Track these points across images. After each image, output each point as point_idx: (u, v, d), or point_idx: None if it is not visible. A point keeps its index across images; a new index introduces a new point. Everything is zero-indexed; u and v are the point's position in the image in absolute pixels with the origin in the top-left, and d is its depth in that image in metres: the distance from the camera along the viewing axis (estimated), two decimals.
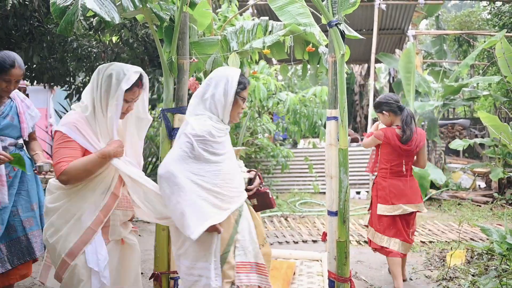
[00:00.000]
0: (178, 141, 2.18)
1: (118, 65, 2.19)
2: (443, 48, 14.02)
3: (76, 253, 2.09)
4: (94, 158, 2.07)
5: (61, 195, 2.14)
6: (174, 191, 2.08)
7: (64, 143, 2.07)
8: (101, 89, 2.12)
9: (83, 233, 2.10)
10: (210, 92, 2.23)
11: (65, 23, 1.87)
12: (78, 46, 4.99)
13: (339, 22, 2.62)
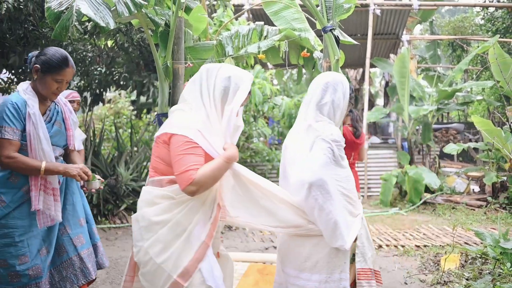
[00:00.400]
0: (317, 147, 2.01)
1: (231, 67, 2.01)
2: (437, 53, 14.13)
3: (191, 272, 1.81)
4: (221, 164, 1.84)
5: (170, 206, 1.86)
6: (327, 199, 1.92)
7: (190, 149, 1.80)
8: (215, 92, 1.92)
9: (198, 249, 1.84)
10: (328, 98, 2.10)
11: (60, 28, 1.87)
12: (73, 50, 4.98)
13: (333, 28, 2.65)
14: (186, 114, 1.91)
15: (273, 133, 7.79)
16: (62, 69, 2.26)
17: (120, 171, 5.84)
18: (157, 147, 1.93)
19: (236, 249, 4.98)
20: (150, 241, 1.83)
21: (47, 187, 2.29)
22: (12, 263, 2.21)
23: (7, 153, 2.17)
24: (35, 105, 2.27)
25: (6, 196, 2.23)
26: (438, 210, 7.03)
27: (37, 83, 2.30)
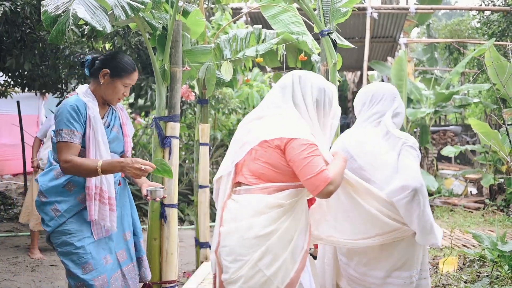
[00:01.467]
0: (407, 153, 2.02)
1: (322, 78, 2.00)
2: (434, 56, 14.19)
3: (296, 283, 1.76)
4: (343, 164, 1.86)
5: (278, 215, 1.78)
6: (426, 203, 1.95)
7: (316, 151, 1.75)
8: (308, 100, 1.91)
9: (302, 258, 1.79)
10: (398, 108, 2.19)
11: (56, 32, 1.85)
12: (70, 53, 4.95)
13: (331, 32, 2.64)
14: (292, 119, 1.86)
15: None
16: (131, 73, 2.26)
17: None
18: (265, 152, 1.82)
19: None
20: (259, 253, 1.73)
21: (102, 196, 2.16)
22: (75, 272, 2.08)
23: (65, 157, 2.05)
24: (96, 108, 2.18)
25: (61, 205, 2.13)
26: (436, 212, 7.03)
27: (103, 87, 2.21)
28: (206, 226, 4.09)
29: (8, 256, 4.28)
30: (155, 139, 2.77)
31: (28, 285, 3.54)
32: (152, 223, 2.76)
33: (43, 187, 2.15)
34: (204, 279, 3.71)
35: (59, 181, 2.16)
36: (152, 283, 2.74)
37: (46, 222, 2.14)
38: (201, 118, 3.97)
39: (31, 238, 4.40)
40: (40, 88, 5.52)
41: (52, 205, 2.13)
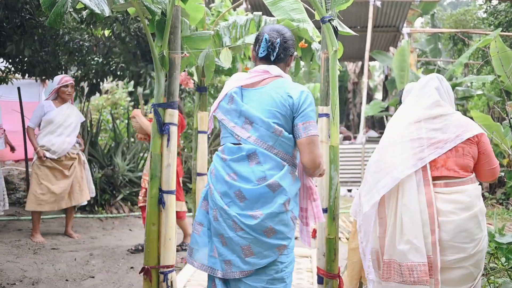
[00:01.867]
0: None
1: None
2: (438, 47, 14.06)
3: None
4: None
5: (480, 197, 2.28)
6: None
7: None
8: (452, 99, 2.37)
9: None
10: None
11: (54, 15, 1.84)
12: (69, 40, 4.94)
13: (332, 18, 2.61)
14: (465, 116, 2.31)
15: None
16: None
17: (117, 162, 5.84)
18: (469, 148, 2.20)
19: None
20: (483, 229, 2.17)
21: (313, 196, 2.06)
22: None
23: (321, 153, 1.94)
24: None
25: (296, 212, 1.96)
26: None
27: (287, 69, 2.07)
28: None
29: (11, 239, 4.35)
30: (154, 126, 2.76)
31: (31, 267, 3.62)
32: (151, 209, 2.76)
33: (291, 193, 1.88)
34: None
35: (299, 184, 1.98)
36: (151, 267, 2.76)
37: (287, 235, 1.87)
38: (199, 106, 3.95)
39: (33, 222, 4.43)
40: (40, 74, 5.53)
41: (291, 213, 1.90)
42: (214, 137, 7.27)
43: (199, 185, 4.07)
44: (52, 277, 3.46)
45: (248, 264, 1.79)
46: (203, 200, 1.98)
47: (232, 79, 2.02)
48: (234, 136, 1.88)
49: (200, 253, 1.90)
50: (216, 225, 1.85)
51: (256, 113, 1.85)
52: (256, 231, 1.78)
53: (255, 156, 1.83)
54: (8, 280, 3.30)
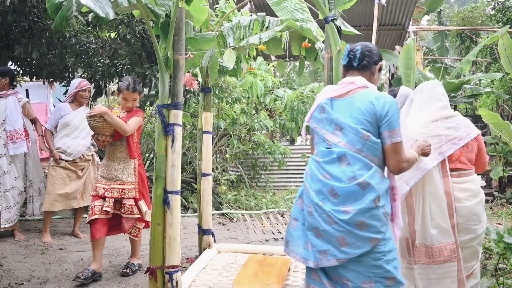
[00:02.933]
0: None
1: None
2: (445, 45, 13.94)
3: None
4: None
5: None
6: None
7: None
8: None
9: None
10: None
11: (60, 19, 1.87)
12: (76, 42, 5.00)
13: (335, 18, 2.62)
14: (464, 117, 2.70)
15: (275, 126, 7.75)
16: None
17: None
18: (474, 144, 2.65)
19: (236, 240, 5.01)
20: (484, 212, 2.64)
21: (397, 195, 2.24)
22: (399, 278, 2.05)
23: (404, 156, 2.08)
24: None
25: (387, 208, 2.10)
26: None
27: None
28: (209, 214, 4.12)
29: (20, 239, 4.43)
30: (158, 127, 2.79)
31: (38, 267, 3.67)
32: (156, 209, 2.79)
33: (380, 190, 2.03)
34: (206, 265, 3.75)
35: (387, 183, 2.14)
36: (156, 267, 2.78)
37: (379, 229, 2.01)
38: (204, 106, 3.97)
39: (44, 222, 4.48)
40: (48, 76, 5.59)
41: (383, 209, 2.05)
42: (219, 137, 7.29)
43: (203, 185, 4.09)
44: (59, 277, 3.50)
45: (343, 253, 1.99)
46: (299, 198, 2.21)
47: (323, 92, 2.26)
48: (326, 142, 2.12)
49: (295, 245, 2.12)
50: (311, 220, 2.06)
51: (345, 120, 2.08)
52: (348, 224, 1.97)
53: (345, 158, 2.04)
54: (16, 280, 3.35)
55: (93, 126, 3.43)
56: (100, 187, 3.54)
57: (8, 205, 4.37)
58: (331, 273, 2.07)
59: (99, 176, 3.62)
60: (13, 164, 4.44)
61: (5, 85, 4.43)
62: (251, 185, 7.89)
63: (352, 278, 2.01)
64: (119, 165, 3.60)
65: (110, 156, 3.63)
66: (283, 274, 3.24)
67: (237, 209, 6.56)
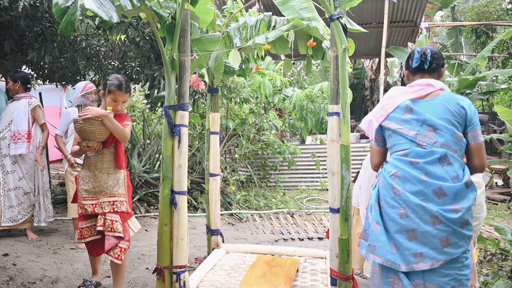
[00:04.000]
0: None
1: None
2: (459, 41, 13.72)
3: None
4: None
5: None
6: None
7: None
8: None
9: None
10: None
11: (66, 23, 1.90)
12: (87, 46, 5.06)
13: (340, 16, 2.60)
14: None
15: (285, 125, 7.72)
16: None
17: (133, 163, 5.92)
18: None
19: (245, 240, 5.01)
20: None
21: None
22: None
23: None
24: None
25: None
26: None
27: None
28: (217, 214, 4.12)
29: (33, 239, 4.55)
30: (165, 128, 2.80)
31: (50, 266, 3.76)
32: (163, 209, 2.80)
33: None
34: (214, 265, 3.76)
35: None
36: (163, 267, 2.80)
37: (472, 226, 2.12)
38: (211, 107, 3.98)
39: (75, 228, 4.44)
40: (60, 80, 5.67)
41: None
42: (228, 137, 7.29)
43: (211, 185, 4.10)
44: (70, 276, 3.57)
45: (445, 254, 2.00)
46: (375, 202, 2.21)
47: (398, 93, 2.28)
48: (417, 142, 2.14)
49: (383, 249, 2.09)
50: (405, 222, 2.05)
51: (439, 121, 2.12)
52: (455, 223, 2.01)
53: (446, 158, 2.09)
54: (29, 279, 3.43)
55: (85, 130, 2.98)
56: (88, 204, 3.09)
57: (11, 204, 4.44)
58: (415, 278, 2.05)
59: (83, 191, 3.11)
60: (17, 164, 4.50)
61: (18, 89, 4.54)
62: (261, 185, 7.88)
63: (443, 283, 2.00)
64: (108, 176, 3.14)
65: (95, 166, 3.13)
66: (291, 275, 3.22)
67: (247, 209, 6.55)
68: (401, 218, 2.06)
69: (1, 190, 4.46)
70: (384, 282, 2.11)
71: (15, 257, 3.91)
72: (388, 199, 2.13)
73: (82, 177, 3.14)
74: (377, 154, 2.35)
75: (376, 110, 2.32)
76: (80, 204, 3.11)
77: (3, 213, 4.39)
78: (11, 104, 4.57)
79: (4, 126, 4.52)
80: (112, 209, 3.10)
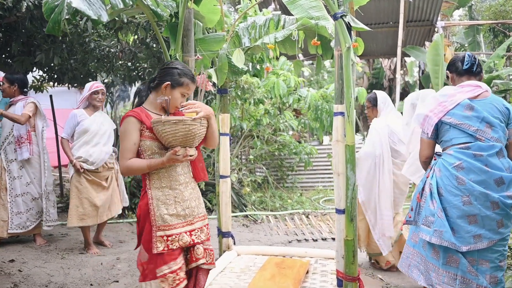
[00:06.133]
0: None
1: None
2: (477, 40, 13.45)
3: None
4: None
5: None
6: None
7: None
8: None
9: None
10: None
11: (52, 22, 1.87)
12: (96, 47, 5.06)
13: (344, 14, 2.54)
14: None
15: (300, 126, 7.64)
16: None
17: None
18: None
19: (259, 242, 4.95)
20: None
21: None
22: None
23: None
24: None
25: None
26: None
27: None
28: (228, 216, 4.08)
29: (41, 244, 4.47)
30: None
31: (57, 272, 3.68)
32: None
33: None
34: (224, 268, 3.71)
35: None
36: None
37: None
38: (221, 108, 3.94)
39: (84, 236, 4.33)
40: (71, 82, 5.68)
41: None
42: (243, 138, 7.25)
43: (222, 187, 4.06)
44: (77, 281, 3.50)
45: (499, 234, 2.33)
46: (436, 192, 2.45)
47: (454, 91, 2.54)
48: (476, 137, 2.42)
49: (448, 234, 2.35)
50: (468, 208, 2.34)
51: (494, 119, 2.42)
52: (509, 207, 2.33)
53: (501, 152, 2.41)
54: (34, 285, 3.35)
55: (191, 134, 2.13)
56: (182, 233, 2.23)
57: (19, 210, 4.31)
58: (470, 256, 2.35)
59: (168, 217, 2.20)
60: (24, 169, 4.37)
61: (14, 92, 4.40)
62: (277, 186, 7.82)
63: (494, 258, 2.34)
64: (193, 191, 2.35)
65: (178, 181, 2.27)
66: (300, 277, 3.16)
67: (262, 211, 6.50)
68: (464, 205, 2.34)
69: (8, 196, 4.31)
70: (441, 262, 2.38)
71: (21, 263, 3.82)
72: (451, 188, 2.38)
73: (162, 200, 2.22)
74: (429, 146, 2.60)
75: (433, 106, 2.56)
76: (168, 235, 2.18)
77: (11, 220, 4.27)
78: (9, 109, 4.40)
79: (7, 132, 4.42)
80: (207, 234, 2.37)
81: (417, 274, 2.49)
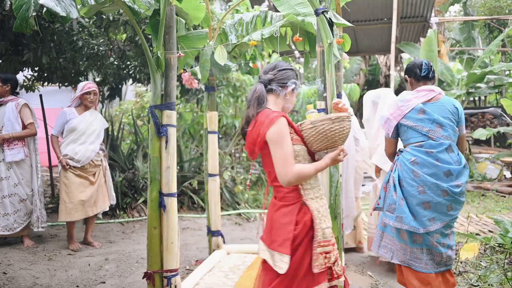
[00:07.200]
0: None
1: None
2: (471, 35, 13.44)
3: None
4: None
5: None
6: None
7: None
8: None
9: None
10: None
11: (20, 20, 1.84)
12: (83, 45, 5.00)
13: (325, 10, 2.50)
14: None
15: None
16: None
17: (138, 165, 5.89)
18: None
19: (251, 240, 4.92)
20: None
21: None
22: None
23: None
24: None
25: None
26: (466, 197, 6.70)
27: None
28: (217, 215, 4.06)
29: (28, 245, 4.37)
30: (151, 128, 2.73)
31: (43, 274, 3.61)
32: (151, 212, 2.74)
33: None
34: (213, 267, 3.69)
35: None
36: (153, 272, 2.73)
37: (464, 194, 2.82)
38: (208, 106, 3.91)
39: (68, 230, 4.35)
40: (61, 81, 5.62)
41: None
42: (237, 135, 7.21)
43: (211, 186, 4.04)
44: (63, 283, 3.43)
45: (449, 216, 2.71)
46: (397, 183, 2.80)
47: (411, 97, 2.88)
48: (429, 136, 2.77)
49: (408, 219, 2.69)
50: (422, 197, 2.70)
51: (444, 120, 2.77)
52: (458, 194, 2.71)
53: (451, 148, 2.76)
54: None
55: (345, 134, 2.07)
56: (333, 250, 2.04)
57: (6, 212, 4.25)
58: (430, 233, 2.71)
59: (328, 231, 2.03)
60: (12, 170, 4.31)
61: (6, 91, 4.36)
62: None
63: (443, 229, 2.73)
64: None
65: (320, 190, 2.14)
66: None
67: (256, 209, 6.47)
68: (420, 194, 2.70)
69: None
70: (409, 241, 2.74)
71: (6, 265, 3.73)
72: (409, 180, 2.74)
73: (322, 212, 2.04)
74: (391, 144, 2.99)
75: (393, 110, 2.95)
76: (327, 252, 2.00)
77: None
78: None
79: None
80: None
81: (387, 253, 2.84)
